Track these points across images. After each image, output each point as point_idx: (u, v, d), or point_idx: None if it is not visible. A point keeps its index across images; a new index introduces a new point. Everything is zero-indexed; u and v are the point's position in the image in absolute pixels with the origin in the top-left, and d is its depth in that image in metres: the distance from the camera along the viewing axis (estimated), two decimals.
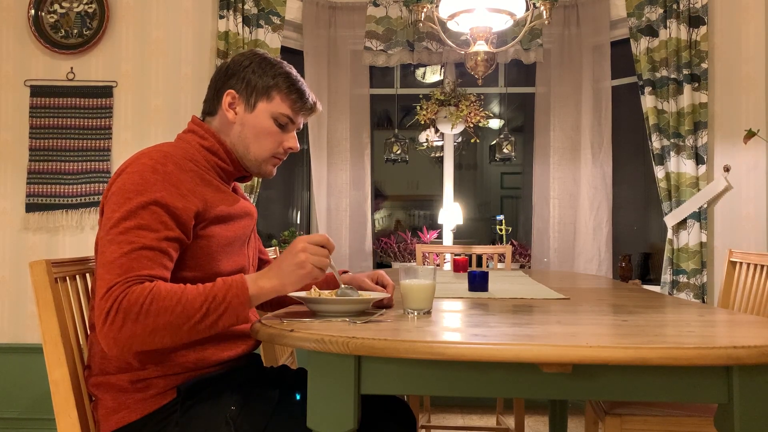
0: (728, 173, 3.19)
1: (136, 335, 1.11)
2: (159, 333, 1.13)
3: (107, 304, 1.11)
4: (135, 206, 1.18)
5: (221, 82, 1.40)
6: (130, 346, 1.13)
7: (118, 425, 1.24)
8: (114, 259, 1.14)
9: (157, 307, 1.12)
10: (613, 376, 1.06)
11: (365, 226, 3.71)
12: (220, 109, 1.39)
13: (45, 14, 3.29)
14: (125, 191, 1.20)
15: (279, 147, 1.41)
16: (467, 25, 2.69)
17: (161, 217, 1.19)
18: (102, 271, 1.15)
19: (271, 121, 1.38)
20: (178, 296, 1.14)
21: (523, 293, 1.77)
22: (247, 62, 1.39)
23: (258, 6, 3.37)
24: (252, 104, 1.38)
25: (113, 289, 1.12)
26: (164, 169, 1.23)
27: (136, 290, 1.12)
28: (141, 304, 1.11)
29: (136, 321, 1.11)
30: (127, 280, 1.13)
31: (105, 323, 1.11)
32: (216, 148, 1.37)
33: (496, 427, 3.03)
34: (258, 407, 1.29)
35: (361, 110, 3.76)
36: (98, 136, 3.28)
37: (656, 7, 3.28)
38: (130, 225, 1.17)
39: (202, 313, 1.14)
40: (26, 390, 3.22)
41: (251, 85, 1.37)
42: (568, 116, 3.64)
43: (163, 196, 1.20)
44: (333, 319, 1.21)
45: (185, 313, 1.13)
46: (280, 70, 1.39)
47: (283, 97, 1.38)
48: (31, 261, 1.27)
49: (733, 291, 2.21)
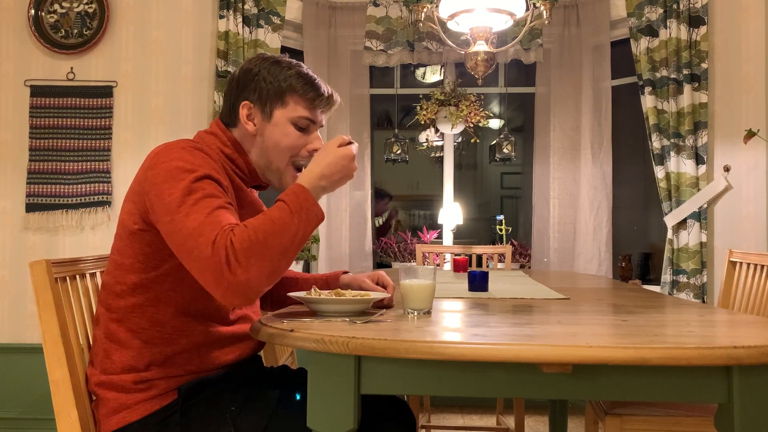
0: (728, 173, 3.19)
1: (263, 269, 1.12)
2: (275, 259, 1.14)
3: (221, 255, 1.10)
4: (192, 181, 1.18)
5: (234, 96, 1.38)
6: (260, 284, 1.13)
7: (118, 425, 1.24)
8: (198, 224, 1.13)
9: (264, 234, 1.13)
10: (613, 376, 1.06)
11: (365, 226, 3.71)
12: (239, 122, 1.37)
13: (45, 14, 3.29)
14: (173, 174, 1.19)
15: (303, 151, 1.38)
16: (467, 25, 2.69)
17: (217, 188, 1.21)
18: (191, 242, 1.13)
19: (291, 126, 1.36)
20: (271, 219, 1.16)
21: (523, 293, 1.77)
22: (256, 69, 1.36)
23: (258, 6, 3.37)
24: (269, 113, 1.36)
25: (216, 242, 1.11)
26: (201, 153, 1.25)
27: (239, 232, 1.13)
28: (250, 239, 1.12)
29: (257, 255, 1.11)
30: (223, 231, 1.13)
31: (229, 272, 1.10)
32: (235, 157, 1.37)
33: (496, 427, 3.03)
34: (258, 407, 1.30)
35: (361, 110, 3.76)
36: (98, 136, 3.28)
37: (656, 7, 3.28)
38: (197, 197, 1.17)
39: (295, 225, 1.16)
40: (26, 390, 3.21)
41: (264, 93, 1.35)
42: (568, 116, 3.64)
43: (211, 172, 1.22)
44: (333, 319, 1.21)
45: (285, 229, 1.15)
46: (290, 71, 1.36)
47: (298, 99, 1.36)
48: (31, 261, 1.27)
49: (733, 291, 2.20)
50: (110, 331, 1.28)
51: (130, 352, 1.26)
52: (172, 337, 1.27)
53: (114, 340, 1.27)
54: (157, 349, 1.26)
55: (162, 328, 1.27)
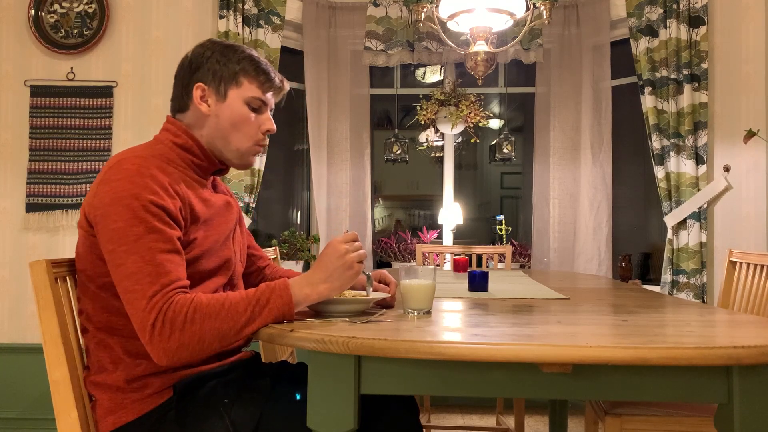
0: (728, 173, 3.19)
1: (185, 344, 1.14)
2: (207, 340, 1.15)
3: (152, 315, 1.12)
4: (136, 211, 1.17)
5: (187, 78, 1.38)
6: (179, 356, 1.15)
7: (115, 425, 1.24)
8: (139, 269, 1.15)
9: (202, 315, 1.14)
10: (613, 376, 1.06)
11: (365, 226, 3.71)
12: (192, 104, 1.37)
13: (45, 14, 3.29)
14: (120, 199, 1.18)
15: (258, 131, 1.40)
16: (467, 25, 2.69)
17: (163, 217, 1.20)
18: (129, 282, 1.15)
19: (245, 106, 1.37)
20: (221, 302, 1.16)
21: (523, 293, 1.77)
22: (209, 53, 1.38)
23: (258, 6, 3.37)
24: (223, 93, 1.36)
25: (155, 300, 1.13)
26: (149, 173, 1.22)
27: (180, 300, 1.14)
28: (185, 313, 1.13)
29: (183, 330, 1.13)
30: (164, 290, 1.14)
31: (153, 334, 1.13)
32: (189, 145, 1.36)
33: (496, 427, 3.03)
34: (251, 397, 1.29)
35: (361, 110, 3.76)
36: (98, 136, 3.28)
37: (656, 7, 3.28)
38: (139, 231, 1.16)
39: (247, 316, 1.16)
40: (26, 390, 3.22)
41: (218, 74, 1.36)
42: (568, 116, 3.64)
43: (157, 198, 1.20)
44: (333, 319, 1.21)
45: (230, 317, 1.15)
46: (243, 55, 1.38)
47: (251, 80, 1.37)
48: (31, 261, 1.27)
49: (733, 291, 2.21)
50: (95, 335, 1.28)
51: (118, 354, 1.26)
52: None
53: (101, 344, 1.27)
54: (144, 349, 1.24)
55: None
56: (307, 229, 3.90)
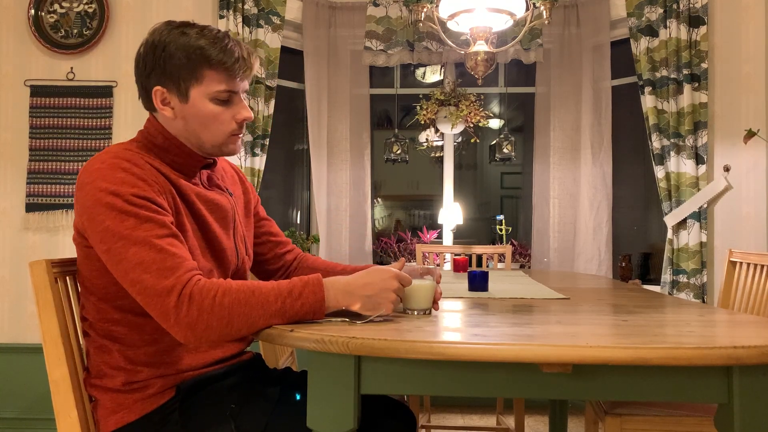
0: (728, 173, 3.19)
1: (212, 326, 1.10)
2: (235, 324, 1.12)
3: (171, 298, 1.09)
4: (120, 207, 1.14)
5: (144, 79, 1.27)
6: (208, 336, 1.12)
7: (117, 425, 1.24)
8: (142, 259, 1.11)
9: (231, 299, 1.11)
10: (613, 376, 1.06)
11: (365, 226, 3.71)
12: (156, 108, 1.28)
13: (45, 14, 3.29)
14: (99, 200, 1.15)
15: (232, 123, 1.29)
16: (467, 25, 2.68)
17: (150, 206, 1.16)
18: (136, 273, 1.11)
19: (212, 104, 1.26)
20: (251, 289, 1.13)
21: (523, 293, 1.77)
22: (162, 45, 1.24)
23: (258, 6, 3.37)
24: (185, 93, 1.25)
25: (169, 283, 1.10)
26: (121, 167, 1.18)
27: (206, 282, 1.12)
28: (213, 296, 1.10)
29: (211, 312, 1.10)
30: (176, 273, 1.11)
31: (178, 316, 1.09)
32: (167, 146, 1.28)
33: (496, 427, 3.03)
34: (259, 404, 1.29)
35: (361, 110, 3.76)
36: (98, 136, 3.28)
37: (656, 7, 3.28)
38: (131, 224, 1.13)
39: (277, 307, 1.13)
40: (26, 390, 3.21)
41: (175, 72, 1.23)
42: (568, 116, 3.64)
43: (138, 190, 1.16)
44: (333, 319, 1.21)
45: (260, 305, 1.13)
46: (200, 41, 1.23)
47: (213, 72, 1.24)
48: (31, 261, 1.27)
49: (733, 291, 2.20)
50: (96, 340, 1.28)
51: (117, 356, 1.25)
52: (154, 337, 1.24)
53: (102, 349, 1.27)
54: (141, 350, 1.24)
55: (142, 331, 1.24)
56: (307, 229, 3.90)
